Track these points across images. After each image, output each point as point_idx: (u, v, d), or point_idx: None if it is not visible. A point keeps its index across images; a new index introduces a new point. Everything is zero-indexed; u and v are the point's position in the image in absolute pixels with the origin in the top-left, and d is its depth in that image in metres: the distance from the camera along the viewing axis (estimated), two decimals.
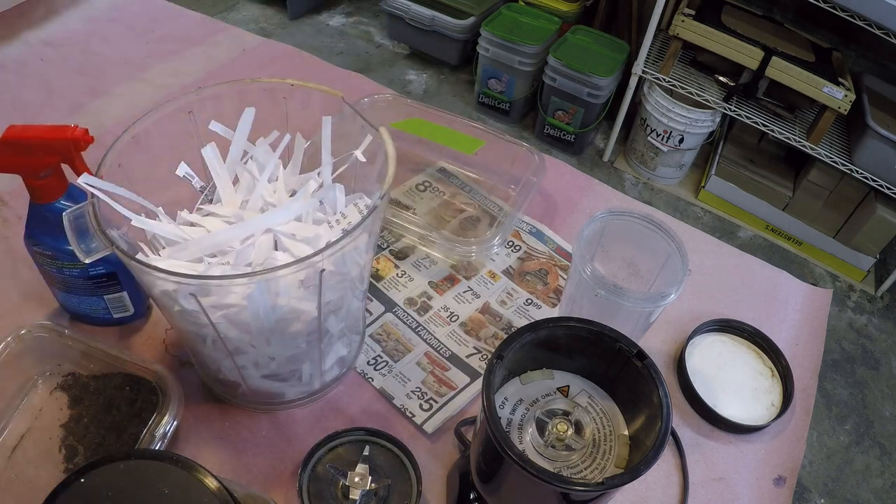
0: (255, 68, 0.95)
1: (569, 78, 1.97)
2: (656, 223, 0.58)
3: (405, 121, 0.81)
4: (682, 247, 0.56)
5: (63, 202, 0.54)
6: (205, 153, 0.54)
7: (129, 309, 0.62)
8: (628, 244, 0.61)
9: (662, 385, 0.45)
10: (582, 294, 0.57)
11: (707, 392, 0.63)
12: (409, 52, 2.48)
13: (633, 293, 0.54)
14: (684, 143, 1.98)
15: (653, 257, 0.59)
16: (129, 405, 0.55)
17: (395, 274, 0.71)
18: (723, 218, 2.07)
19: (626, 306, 0.54)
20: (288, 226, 0.52)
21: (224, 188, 0.55)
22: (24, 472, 0.52)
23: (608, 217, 0.59)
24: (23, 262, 0.66)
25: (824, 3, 1.62)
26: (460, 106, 2.29)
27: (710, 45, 1.81)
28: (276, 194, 0.56)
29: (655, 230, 0.58)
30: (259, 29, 2.49)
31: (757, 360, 0.68)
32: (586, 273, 0.54)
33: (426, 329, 0.67)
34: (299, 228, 0.52)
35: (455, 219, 0.77)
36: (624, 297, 0.53)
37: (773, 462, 0.61)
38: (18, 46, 0.94)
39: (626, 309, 0.55)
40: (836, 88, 1.68)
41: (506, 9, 2.15)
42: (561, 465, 0.46)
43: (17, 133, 0.49)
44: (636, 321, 0.57)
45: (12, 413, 0.55)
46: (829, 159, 1.78)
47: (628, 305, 0.54)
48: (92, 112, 0.85)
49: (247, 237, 0.51)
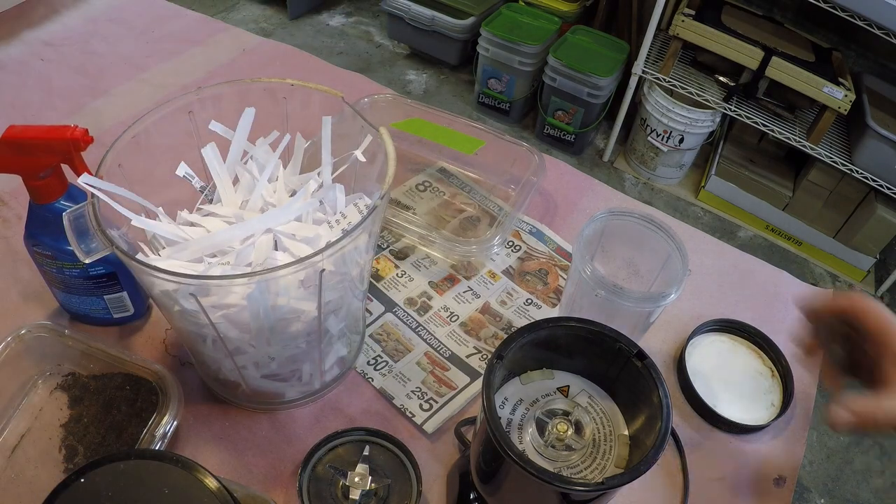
0: (255, 68, 0.95)
1: (569, 78, 1.97)
2: (656, 223, 0.58)
3: (405, 121, 0.81)
4: (683, 247, 0.56)
5: (63, 202, 0.54)
6: (205, 153, 0.54)
7: (129, 309, 0.62)
8: (628, 244, 0.61)
9: (662, 385, 0.45)
10: (582, 294, 0.57)
11: (707, 392, 0.63)
12: (409, 52, 2.48)
13: (633, 293, 0.54)
14: (684, 143, 1.98)
15: (653, 257, 0.59)
16: (129, 405, 0.55)
17: (395, 274, 0.71)
18: (723, 218, 2.07)
19: (625, 306, 0.54)
20: (288, 226, 0.52)
21: (224, 188, 0.55)
22: (24, 472, 0.52)
23: (608, 217, 0.59)
24: (23, 262, 0.66)
25: (824, 3, 1.62)
26: (460, 106, 2.29)
27: (710, 45, 1.81)
28: (276, 194, 0.56)
29: (656, 230, 0.58)
30: (259, 29, 2.49)
31: (757, 360, 0.68)
32: (586, 273, 0.54)
33: (426, 329, 0.67)
34: (299, 228, 0.52)
35: (455, 219, 0.77)
36: (624, 297, 0.53)
37: (773, 462, 0.61)
38: (18, 46, 0.94)
39: (626, 309, 0.55)
40: (836, 88, 1.68)
41: (506, 9, 2.15)
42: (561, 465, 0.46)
43: (17, 133, 0.49)
44: (636, 321, 0.57)
45: (12, 413, 0.55)
46: (829, 159, 1.78)
47: (628, 305, 0.54)
48: (92, 112, 0.85)
49: (247, 237, 0.51)
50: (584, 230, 0.57)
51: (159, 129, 0.52)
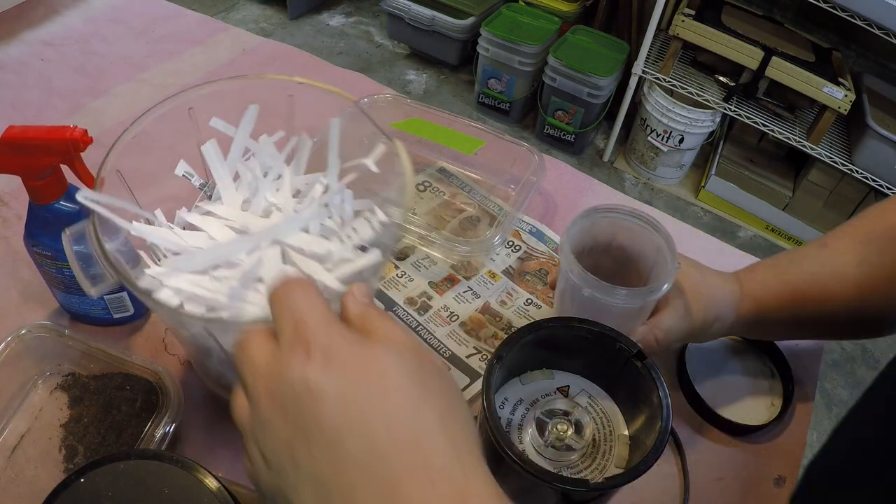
0: (255, 68, 0.95)
1: (569, 78, 1.97)
2: (643, 217, 0.57)
3: (405, 121, 0.81)
4: (670, 239, 0.55)
5: (63, 203, 0.54)
6: (204, 150, 0.53)
7: (129, 309, 0.62)
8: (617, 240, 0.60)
9: (662, 385, 0.45)
10: (572, 294, 0.57)
11: (707, 392, 0.63)
12: (409, 52, 2.48)
13: (620, 290, 0.52)
14: (684, 143, 1.98)
15: (644, 252, 0.59)
16: (129, 405, 0.55)
17: (395, 274, 0.71)
18: (723, 218, 2.07)
19: (615, 304, 0.53)
20: (296, 238, 0.50)
21: (225, 186, 0.54)
22: (24, 472, 0.52)
23: (593, 215, 0.58)
24: (23, 262, 0.66)
25: (824, 3, 1.62)
26: (460, 106, 2.29)
27: (710, 45, 1.81)
28: (279, 193, 0.55)
29: (643, 225, 0.57)
30: (259, 29, 2.49)
31: (757, 360, 0.68)
32: (573, 273, 0.54)
33: (426, 329, 0.67)
34: (308, 242, 0.50)
35: (455, 219, 0.77)
36: (612, 294, 0.52)
37: (773, 462, 0.61)
38: (18, 46, 0.94)
39: (616, 307, 0.54)
40: (836, 88, 1.68)
41: (506, 9, 2.15)
42: (561, 465, 0.46)
43: (16, 133, 0.48)
44: (629, 318, 0.56)
45: (12, 413, 0.55)
46: (829, 159, 1.78)
47: (617, 303, 0.53)
48: (92, 112, 0.85)
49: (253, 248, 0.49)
50: (570, 229, 0.56)
51: (161, 127, 0.51)
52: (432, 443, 0.29)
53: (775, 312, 0.57)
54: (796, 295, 0.56)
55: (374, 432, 0.28)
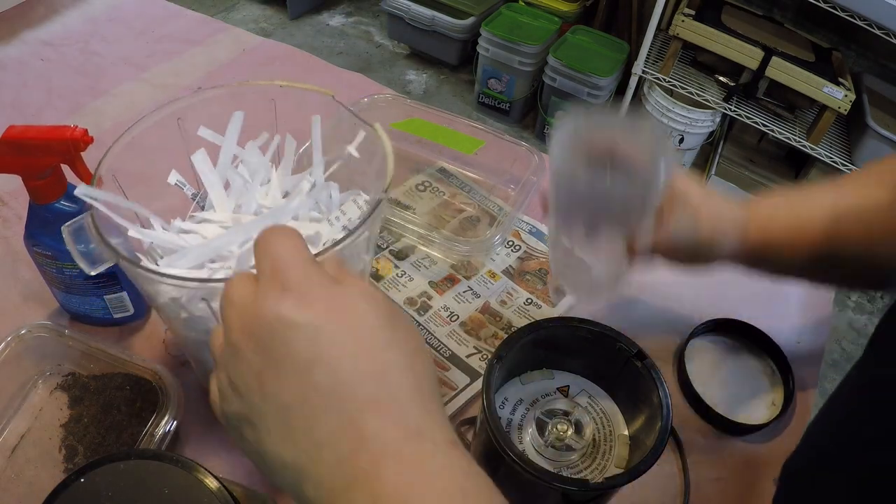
0: (255, 68, 0.95)
1: (569, 78, 1.97)
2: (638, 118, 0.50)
3: (405, 121, 0.81)
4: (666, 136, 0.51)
5: (63, 203, 0.54)
6: (194, 159, 0.53)
7: (129, 309, 0.62)
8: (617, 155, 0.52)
9: (662, 385, 0.45)
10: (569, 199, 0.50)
11: (707, 392, 0.63)
12: (409, 52, 2.48)
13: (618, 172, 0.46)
14: (684, 143, 1.98)
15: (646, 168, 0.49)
16: (129, 405, 0.55)
17: (395, 274, 0.71)
18: None
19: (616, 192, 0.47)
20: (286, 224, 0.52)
21: (215, 194, 0.55)
22: (24, 472, 0.52)
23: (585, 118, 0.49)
24: (23, 262, 0.66)
25: (824, 3, 1.62)
26: (460, 106, 2.29)
27: (710, 45, 1.81)
28: (268, 196, 0.56)
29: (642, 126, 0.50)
30: (259, 29, 2.49)
31: (757, 360, 0.68)
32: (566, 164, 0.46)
33: (426, 329, 0.67)
34: (297, 227, 0.52)
35: (455, 219, 0.77)
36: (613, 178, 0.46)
37: (773, 462, 0.61)
38: (18, 46, 0.94)
39: (618, 198, 0.47)
40: (836, 88, 1.68)
41: (506, 9, 2.15)
42: (561, 465, 0.46)
43: (16, 133, 0.48)
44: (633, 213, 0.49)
45: (12, 413, 0.55)
46: (829, 159, 1.78)
47: (618, 190, 0.47)
48: (92, 112, 0.85)
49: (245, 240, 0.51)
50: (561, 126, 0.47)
51: (150, 137, 0.51)
52: (397, 379, 0.30)
53: (784, 246, 0.55)
54: (805, 229, 0.55)
55: (341, 364, 0.29)
